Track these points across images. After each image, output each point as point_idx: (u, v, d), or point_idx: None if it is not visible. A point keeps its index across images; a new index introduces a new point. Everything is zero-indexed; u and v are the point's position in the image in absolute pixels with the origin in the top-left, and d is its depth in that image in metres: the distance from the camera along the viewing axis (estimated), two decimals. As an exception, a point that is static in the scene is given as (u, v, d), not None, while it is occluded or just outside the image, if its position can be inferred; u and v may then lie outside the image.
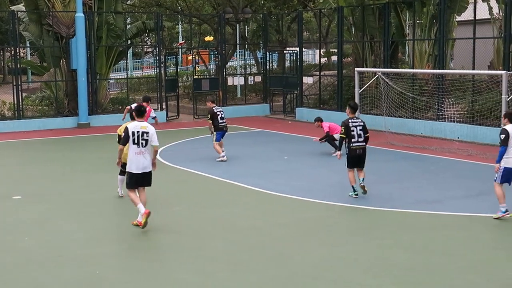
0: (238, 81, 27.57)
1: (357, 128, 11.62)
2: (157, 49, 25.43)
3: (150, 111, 15.73)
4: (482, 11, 20.01)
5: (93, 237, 9.63)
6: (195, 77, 26.91)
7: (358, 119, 11.87)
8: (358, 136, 11.60)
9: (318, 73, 25.53)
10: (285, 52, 29.24)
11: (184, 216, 10.83)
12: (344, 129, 11.61)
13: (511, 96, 15.97)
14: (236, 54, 32.07)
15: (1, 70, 46.90)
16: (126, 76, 27.99)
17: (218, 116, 15.49)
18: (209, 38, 39.66)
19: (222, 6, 31.03)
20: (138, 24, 27.20)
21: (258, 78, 28.13)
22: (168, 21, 32.73)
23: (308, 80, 25.88)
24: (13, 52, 22.77)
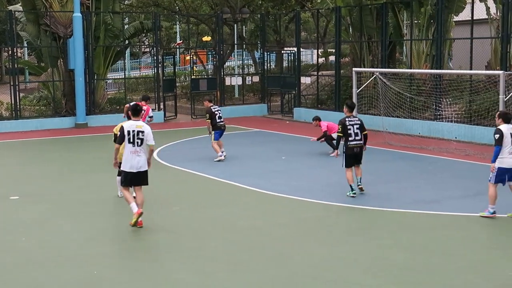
0: (236, 81, 27.54)
1: (353, 126, 11.79)
2: (155, 49, 25.42)
3: (149, 110, 15.72)
4: (480, 11, 20.04)
5: (92, 237, 9.62)
6: (193, 77, 26.93)
7: (355, 118, 12.03)
8: (355, 134, 11.77)
9: (316, 73, 25.56)
10: (283, 52, 29.22)
11: (183, 216, 10.84)
12: (341, 127, 11.81)
13: (509, 96, 16.01)
14: (234, 54, 32.07)
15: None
16: (123, 76, 27.89)
17: (216, 115, 15.56)
18: (206, 38, 39.67)
19: (220, 6, 31.01)
20: (135, 24, 27.19)
21: (256, 78, 28.12)
22: (166, 21, 32.80)
23: (306, 80, 25.89)
24: (10, 52, 22.75)
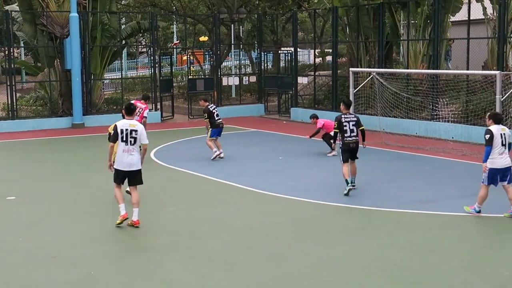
0: (233, 81, 27.55)
1: (349, 123, 12.14)
2: (151, 49, 25.41)
3: (146, 109, 15.79)
4: (476, 12, 20.05)
5: (88, 237, 9.61)
6: (190, 77, 26.91)
7: (351, 115, 12.37)
8: (351, 131, 12.13)
9: (313, 73, 25.57)
10: (280, 52, 29.25)
11: (179, 216, 10.83)
12: (337, 124, 12.22)
13: (505, 96, 16.04)
14: (231, 54, 32.06)
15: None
16: (120, 76, 27.87)
17: (214, 113, 15.67)
18: (203, 38, 39.65)
19: (217, 6, 31.00)
20: (132, 24, 27.17)
21: (253, 78, 28.11)
22: (162, 21, 32.73)
23: (303, 80, 25.91)
24: (7, 52, 22.69)
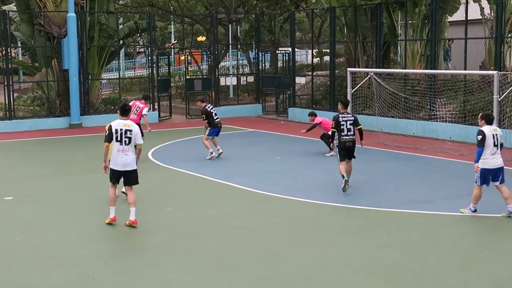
0: (231, 81, 27.52)
1: (347, 122, 12.24)
2: (149, 49, 25.38)
3: (145, 107, 15.87)
4: (474, 12, 20.07)
5: (85, 237, 9.61)
6: (188, 77, 26.88)
7: (348, 114, 12.47)
8: (348, 130, 12.22)
9: (310, 73, 25.56)
10: (277, 52, 29.22)
11: (177, 216, 10.83)
12: (334, 123, 12.34)
13: (503, 96, 16.05)
14: (228, 54, 32.04)
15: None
16: (118, 76, 27.85)
17: (212, 113, 15.72)
18: (201, 38, 39.61)
19: (215, 6, 30.99)
20: (130, 24, 27.12)
21: (251, 78, 28.11)
22: (160, 21, 32.68)
23: (300, 80, 25.89)
24: (4, 52, 22.66)
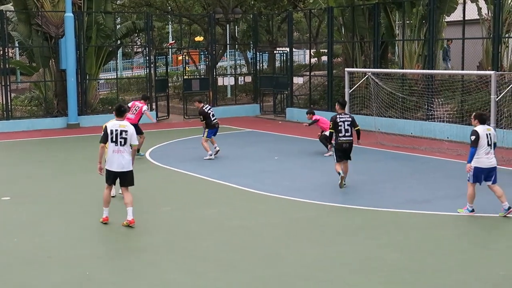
0: (228, 81, 27.52)
1: (344, 123, 12.31)
2: (147, 49, 25.37)
3: (143, 106, 15.95)
4: (471, 12, 20.09)
5: (84, 237, 9.60)
6: (185, 77, 26.87)
7: (346, 115, 12.54)
8: (345, 131, 12.28)
9: (308, 73, 25.57)
10: (275, 52, 29.23)
11: (174, 216, 10.82)
12: (332, 124, 12.40)
13: (500, 96, 16.06)
14: (226, 54, 32.04)
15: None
16: (116, 76, 27.81)
17: (209, 114, 15.71)
18: (199, 38, 39.60)
19: (212, 6, 30.97)
20: (128, 24, 27.11)
21: (248, 78, 28.10)
22: (158, 21, 32.76)
23: (298, 80, 25.90)
24: (1, 52, 22.62)
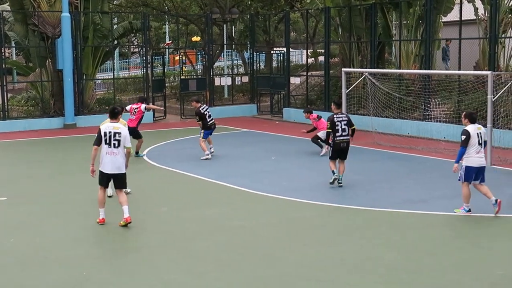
0: (226, 81, 27.51)
1: (341, 123, 12.48)
2: (144, 49, 25.36)
3: (141, 105, 16.11)
4: (468, 12, 20.13)
5: (81, 238, 9.59)
6: (182, 77, 26.86)
7: (342, 115, 12.71)
8: (342, 130, 12.45)
9: (305, 73, 25.59)
10: (272, 52, 29.22)
11: (172, 216, 10.82)
12: (329, 124, 12.52)
13: (497, 96, 16.10)
14: (223, 55, 32.02)
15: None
16: (112, 76, 27.80)
17: (206, 115, 15.70)
18: (196, 39, 39.57)
19: (209, 6, 30.97)
20: (124, 24, 27.07)
21: (245, 79, 28.09)
22: (155, 21, 32.65)
23: (295, 80, 25.91)
24: (-2, 52, 22.57)
